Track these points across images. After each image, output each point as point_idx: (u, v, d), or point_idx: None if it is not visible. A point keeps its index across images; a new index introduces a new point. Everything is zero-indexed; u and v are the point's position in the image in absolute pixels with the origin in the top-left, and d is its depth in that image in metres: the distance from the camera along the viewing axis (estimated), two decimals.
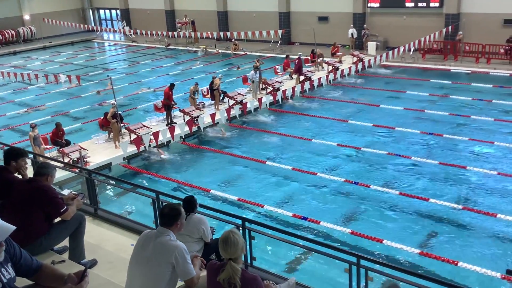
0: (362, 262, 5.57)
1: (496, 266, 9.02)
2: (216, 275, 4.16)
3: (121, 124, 16.51)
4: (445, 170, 13.60)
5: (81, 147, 14.89)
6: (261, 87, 22.12)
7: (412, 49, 25.84)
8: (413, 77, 24.23)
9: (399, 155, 14.64)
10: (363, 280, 5.71)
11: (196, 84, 19.72)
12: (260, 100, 19.78)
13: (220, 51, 33.41)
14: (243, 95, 20.58)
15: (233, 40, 33.67)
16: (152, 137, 15.71)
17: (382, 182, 13.06)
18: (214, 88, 19.74)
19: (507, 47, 24.79)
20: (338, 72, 23.82)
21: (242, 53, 32.55)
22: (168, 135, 16.16)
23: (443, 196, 12.04)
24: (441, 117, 18.10)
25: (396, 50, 24.87)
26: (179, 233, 4.86)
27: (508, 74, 23.29)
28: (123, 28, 41.69)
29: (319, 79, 22.54)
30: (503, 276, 8.62)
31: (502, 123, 17.01)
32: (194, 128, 17.22)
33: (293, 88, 21.03)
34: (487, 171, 13.30)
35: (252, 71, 21.17)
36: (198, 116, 17.57)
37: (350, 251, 5.99)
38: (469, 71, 24.44)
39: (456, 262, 9.24)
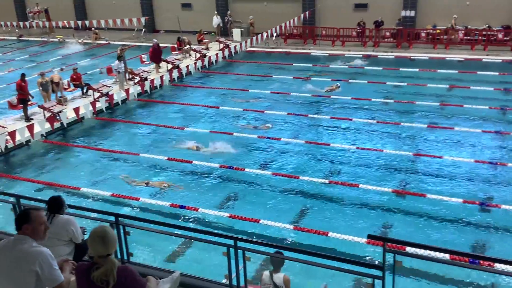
0: (239, 243, 5.68)
1: (360, 232, 9.82)
2: (87, 276, 3.99)
3: None
4: (311, 148, 14.43)
5: None
6: (127, 77, 21.36)
7: (274, 35, 26.83)
8: (277, 61, 25.22)
9: (269, 138, 15.19)
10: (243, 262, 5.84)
11: (42, 74, 18.31)
12: (127, 91, 19.12)
13: (84, 41, 31.51)
14: (109, 87, 19.69)
15: (93, 29, 31.97)
16: (8, 137, 14.37)
17: (255, 164, 13.45)
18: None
19: (358, 30, 26.94)
20: (206, 59, 23.91)
21: (105, 42, 31.09)
22: (27, 133, 14.91)
23: (312, 173, 12.78)
24: (305, 99, 19.11)
25: (259, 35, 25.62)
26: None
27: (361, 55, 25.30)
28: None
29: (187, 66, 22.42)
30: (367, 241, 9.42)
31: (358, 101, 18.46)
32: (57, 124, 16.10)
33: (161, 77, 20.66)
34: (348, 146, 14.40)
35: (117, 61, 20.31)
36: (60, 112, 16.44)
37: (226, 235, 6.08)
38: (327, 54, 26.12)
39: (326, 233, 9.89)
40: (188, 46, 25.86)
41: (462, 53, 24.35)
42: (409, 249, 7.25)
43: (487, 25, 25.07)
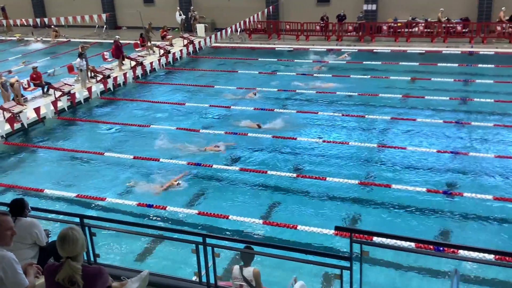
0: (208, 240, 5.66)
1: (328, 224, 9.93)
2: (54, 276, 3.91)
3: None
4: (278, 142, 14.48)
5: None
6: (89, 75, 20.92)
7: (239, 30, 26.76)
8: (243, 56, 25.18)
9: (236, 133, 15.17)
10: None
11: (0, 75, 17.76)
12: (89, 89, 18.73)
13: (43, 39, 30.65)
14: (71, 85, 19.24)
15: (52, 26, 31.15)
16: None
17: (222, 160, 13.42)
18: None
19: (322, 24, 27.15)
20: (170, 56, 23.65)
21: (65, 40, 30.36)
22: None
23: (279, 167, 12.84)
24: (271, 94, 19.14)
25: (224, 31, 25.51)
26: None
27: (325, 49, 25.52)
28: None
29: (151, 63, 22.13)
30: (335, 232, 9.55)
31: (322, 95, 18.63)
32: (17, 125, 15.65)
33: (125, 75, 20.32)
34: (314, 139, 14.53)
35: (78, 59, 19.86)
36: (20, 112, 15.98)
37: (194, 232, 6.05)
38: (292, 48, 26.25)
39: (295, 226, 9.97)
40: (148, 38, 25.53)
41: (423, 45, 24.90)
42: (376, 239, 7.40)
43: (446, 18, 25.69)
